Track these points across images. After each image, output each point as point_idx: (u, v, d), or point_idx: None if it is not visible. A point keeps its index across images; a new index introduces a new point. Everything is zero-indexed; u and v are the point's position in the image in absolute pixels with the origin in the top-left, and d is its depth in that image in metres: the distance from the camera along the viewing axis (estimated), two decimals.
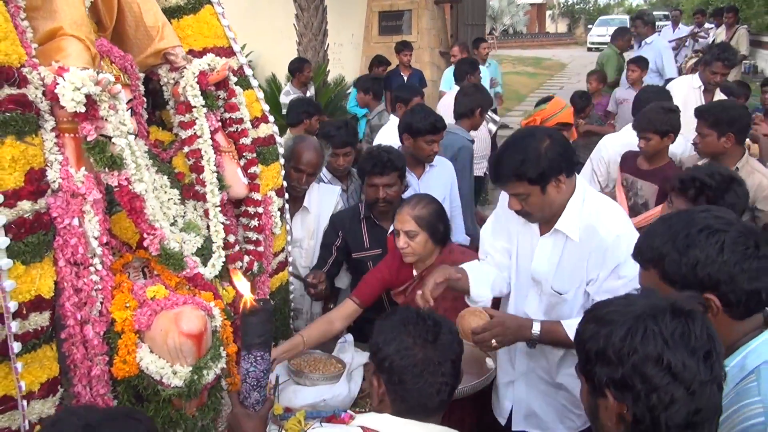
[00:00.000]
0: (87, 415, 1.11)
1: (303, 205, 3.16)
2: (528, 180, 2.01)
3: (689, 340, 1.07)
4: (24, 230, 1.62)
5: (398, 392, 1.45)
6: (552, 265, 2.18)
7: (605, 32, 27.96)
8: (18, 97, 1.65)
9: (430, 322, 1.49)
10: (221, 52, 2.51)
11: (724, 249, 1.32)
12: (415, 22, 10.48)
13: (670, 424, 1.06)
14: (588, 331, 1.17)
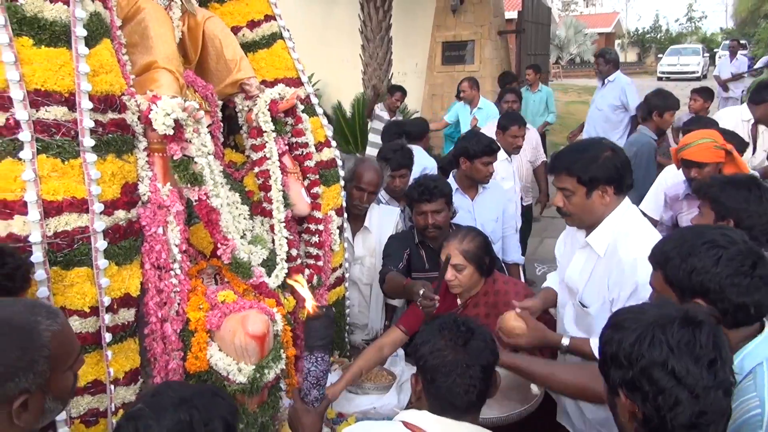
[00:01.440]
0: (181, 390, 1.29)
1: (364, 224, 3.34)
2: (578, 178, 2.12)
3: (694, 348, 1.15)
4: (118, 236, 1.87)
5: (431, 390, 1.56)
6: (583, 278, 2.27)
7: (677, 62, 27.31)
8: (119, 121, 1.92)
9: (463, 328, 1.59)
10: (290, 83, 2.76)
11: (720, 262, 1.44)
12: (477, 52, 10.64)
13: (675, 423, 1.15)
14: (605, 336, 1.28)
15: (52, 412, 1.27)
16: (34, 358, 1.18)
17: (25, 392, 1.17)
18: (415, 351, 1.61)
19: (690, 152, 3.16)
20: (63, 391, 1.27)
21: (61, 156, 1.75)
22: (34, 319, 1.22)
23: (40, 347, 1.19)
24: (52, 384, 1.22)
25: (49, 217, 1.72)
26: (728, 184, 2.37)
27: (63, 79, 1.78)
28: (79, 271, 1.78)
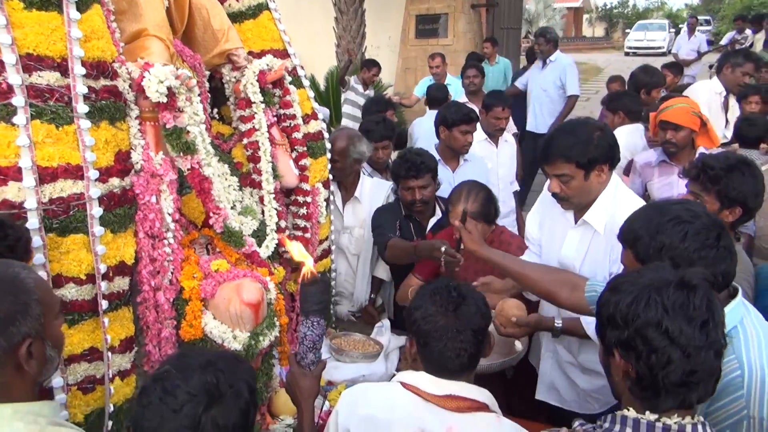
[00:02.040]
0: (206, 354, 1.33)
1: (354, 195, 3.38)
2: (576, 163, 2.15)
3: (688, 309, 1.21)
4: (113, 203, 1.86)
5: (424, 353, 1.62)
6: (579, 255, 2.33)
7: (643, 37, 27.64)
8: (111, 87, 1.90)
9: (454, 294, 1.63)
10: (277, 54, 2.74)
11: (687, 237, 1.50)
12: (451, 25, 10.63)
13: (667, 381, 1.21)
14: (603, 299, 1.33)
15: (53, 361, 1.29)
16: (26, 301, 1.21)
17: (27, 336, 1.20)
18: (409, 315, 1.66)
19: (668, 114, 3.27)
20: (57, 338, 1.31)
21: (55, 122, 1.73)
22: (13, 270, 1.24)
23: (29, 291, 1.22)
24: (48, 330, 1.25)
25: (45, 184, 1.71)
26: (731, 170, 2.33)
27: (55, 43, 1.74)
28: (75, 238, 1.77)
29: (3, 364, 1.18)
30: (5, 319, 1.17)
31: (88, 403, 1.87)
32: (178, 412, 1.19)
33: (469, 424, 1.54)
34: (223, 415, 1.21)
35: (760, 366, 1.44)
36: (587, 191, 2.21)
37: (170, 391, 1.21)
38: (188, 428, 1.18)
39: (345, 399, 1.70)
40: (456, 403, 1.55)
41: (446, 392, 1.57)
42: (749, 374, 1.43)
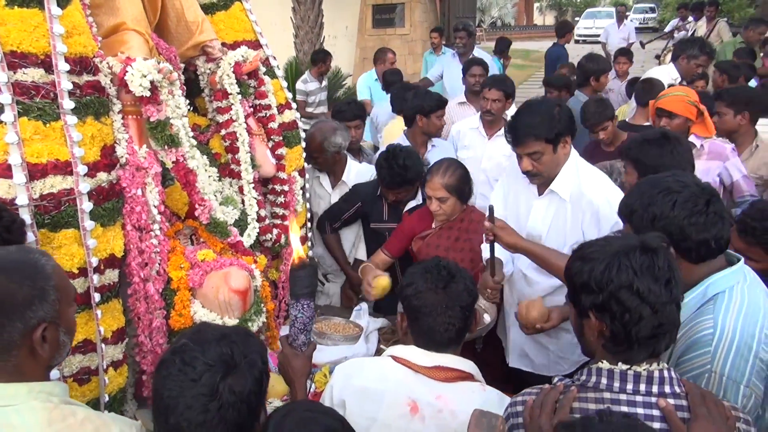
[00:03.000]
0: (220, 328, 1.39)
1: (342, 179, 3.48)
2: (545, 139, 2.30)
3: (654, 270, 1.34)
4: (102, 197, 1.89)
5: (414, 328, 1.72)
6: (545, 224, 2.48)
7: (592, 25, 28.25)
8: (94, 83, 1.92)
9: (444, 272, 1.73)
10: (250, 45, 2.77)
11: (675, 206, 1.62)
12: (408, 15, 10.73)
13: (639, 336, 1.34)
14: (575, 268, 1.43)
15: (65, 347, 1.34)
16: (44, 287, 1.25)
17: (43, 321, 1.24)
18: (401, 291, 1.76)
19: (664, 101, 3.38)
20: (70, 324, 1.35)
21: (42, 118, 1.74)
22: (33, 256, 1.29)
23: (46, 277, 1.26)
24: (62, 316, 1.30)
25: (35, 180, 1.73)
26: (644, 142, 2.54)
27: (38, 40, 1.76)
28: (67, 233, 1.79)
29: (18, 346, 1.22)
30: (23, 303, 1.21)
31: (84, 393, 1.90)
32: (197, 382, 1.25)
33: (457, 393, 1.64)
34: (239, 383, 1.27)
35: (733, 329, 1.55)
36: (556, 163, 2.37)
37: (189, 362, 1.27)
38: (207, 396, 1.24)
39: (340, 373, 1.78)
40: (444, 373, 1.66)
41: (435, 363, 1.66)
42: (720, 334, 1.55)
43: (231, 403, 1.25)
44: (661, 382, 1.33)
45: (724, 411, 1.31)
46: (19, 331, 1.21)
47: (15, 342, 1.22)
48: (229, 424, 1.25)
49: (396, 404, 1.64)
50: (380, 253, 3.08)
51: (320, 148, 3.30)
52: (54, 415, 1.24)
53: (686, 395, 1.32)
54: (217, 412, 1.24)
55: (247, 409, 1.28)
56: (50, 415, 1.24)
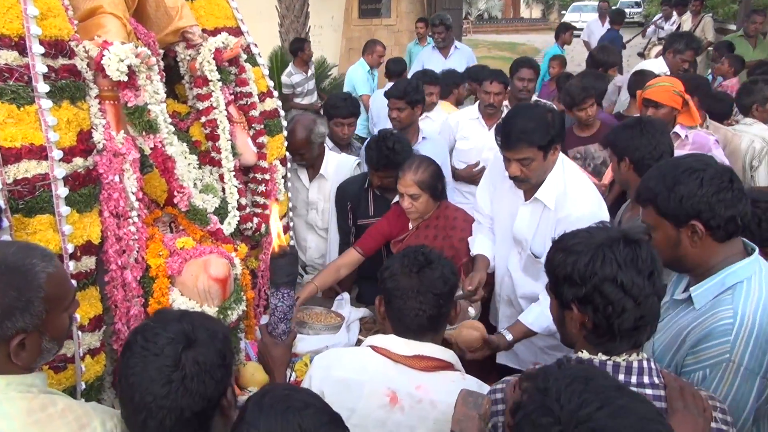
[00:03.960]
0: (180, 310, 1.42)
1: (320, 173, 3.44)
2: (538, 146, 2.28)
3: (637, 263, 1.34)
4: (78, 183, 1.86)
5: (388, 311, 1.73)
6: (531, 230, 2.47)
7: (578, 18, 28.32)
8: (70, 66, 1.89)
9: (421, 258, 1.72)
10: (231, 32, 2.74)
11: (703, 184, 1.61)
12: (394, 5, 10.66)
13: (621, 328, 1.34)
14: (557, 259, 1.43)
15: (50, 351, 1.32)
16: (30, 298, 1.22)
17: (22, 332, 1.22)
18: (380, 273, 1.76)
19: (650, 92, 3.41)
20: (59, 331, 1.32)
21: (16, 102, 1.71)
22: (30, 262, 1.25)
23: (36, 288, 1.23)
24: (49, 325, 1.27)
25: (8, 164, 1.70)
26: (618, 128, 2.60)
27: (11, 22, 1.73)
28: (42, 219, 1.77)
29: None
30: (2, 313, 1.19)
31: (60, 381, 1.88)
32: (160, 355, 1.26)
33: (437, 382, 1.63)
34: (202, 353, 1.29)
35: (753, 319, 1.54)
36: (544, 170, 2.36)
37: (150, 339, 1.28)
38: (170, 367, 1.25)
39: (318, 363, 1.77)
40: (424, 362, 1.65)
41: (414, 353, 1.66)
42: (740, 323, 1.54)
43: (195, 373, 1.26)
44: (640, 373, 1.33)
45: (702, 403, 1.31)
46: None
47: None
48: (193, 396, 1.26)
49: (375, 395, 1.63)
50: (352, 251, 3.01)
51: (307, 143, 3.27)
52: (34, 404, 1.24)
53: (665, 387, 1.33)
54: (181, 382, 1.25)
55: (212, 381, 1.28)
56: (30, 405, 1.23)
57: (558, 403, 1.00)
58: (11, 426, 1.20)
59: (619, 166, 2.54)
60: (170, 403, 1.25)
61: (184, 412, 1.26)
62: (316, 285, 2.80)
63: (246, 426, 1.15)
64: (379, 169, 3.09)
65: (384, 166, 3.05)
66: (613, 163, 2.59)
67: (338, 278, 2.95)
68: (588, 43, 9.37)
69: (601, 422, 0.96)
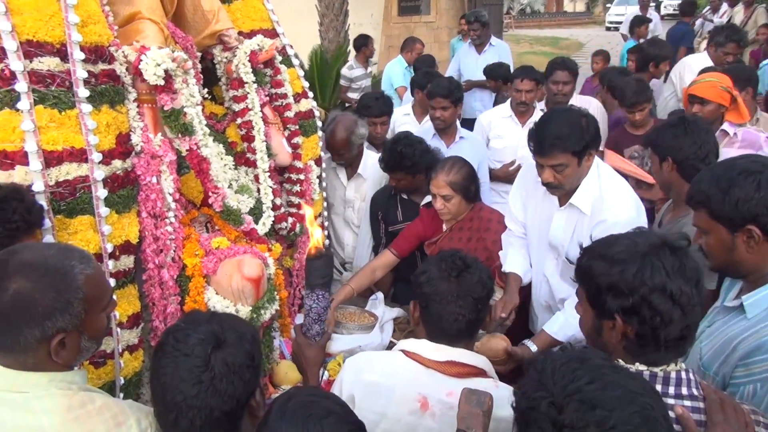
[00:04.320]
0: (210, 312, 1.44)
1: (358, 172, 3.48)
2: (572, 152, 2.22)
3: (684, 270, 1.30)
4: (117, 184, 1.92)
5: (425, 316, 1.70)
6: (566, 235, 2.43)
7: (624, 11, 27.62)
8: (109, 71, 1.95)
9: (459, 262, 1.70)
10: (266, 34, 2.78)
11: (761, 186, 1.54)
12: (434, 2, 10.63)
13: (668, 338, 1.29)
14: (598, 268, 1.36)
15: (88, 350, 1.37)
16: (69, 299, 1.27)
17: (62, 331, 1.26)
18: (416, 278, 1.74)
19: (696, 88, 3.29)
20: (97, 331, 1.37)
21: (57, 107, 1.78)
22: (69, 263, 1.29)
23: (75, 290, 1.27)
24: (87, 324, 1.31)
25: (51, 167, 1.76)
26: (660, 127, 2.50)
27: (53, 29, 1.79)
28: (83, 219, 1.83)
29: (35, 349, 1.25)
30: (43, 314, 1.23)
31: (100, 376, 1.94)
32: (190, 355, 1.30)
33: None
34: (231, 354, 1.32)
35: None
36: (579, 177, 2.30)
37: (181, 340, 1.32)
38: (200, 367, 1.29)
39: (349, 367, 1.77)
40: (456, 368, 1.63)
41: (447, 358, 1.63)
42: None
43: (223, 374, 1.29)
44: (678, 384, 1.29)
45: (744, 417, 1.27)
46: (36, 338, 1.24)
47: (32, 345, 1.25)
48: (222, 396, 1.29)
49: (406, 400, 1.62)
50: (387, 253, 3.03)
51: (347, 144, 3.31)
52: (73, 401, 1.28)
53: (704, 399, 1.29)
54: (210, 382, 1.28)
55: (241, 382, 1.31)
56: (69, 402, 1.27)
57: (552, 379, 1.05)
58: (52, 421, 1.25)
59: (661, 166, 2.46)
60: (200, 403, 1.28)
61: (214, 411, 1.29)
62: (352, 287, 2.82)
63: (268, 431, 1.16)
64: (389, 171, 3.12)
65: (392, 168, 3.08)
66: (655, 163, 2.52)
67: (374, 280, 2.96)
68: (626, 36, 8.93)
69: (589, 394, 1.01)
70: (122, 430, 1.30)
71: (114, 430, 1.29)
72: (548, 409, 1.03)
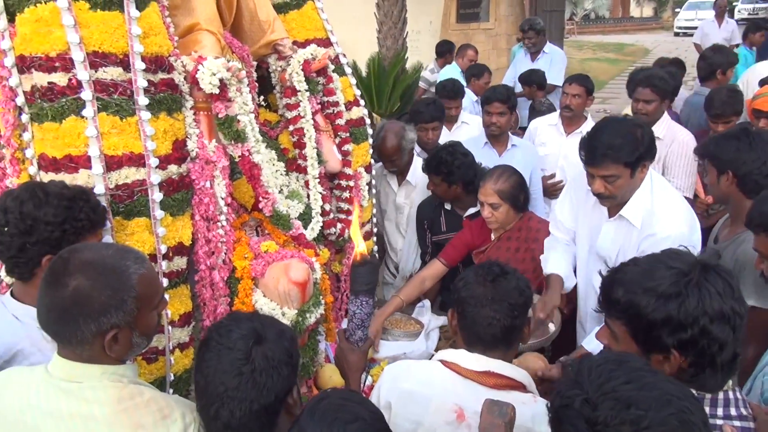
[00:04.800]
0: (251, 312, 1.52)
1: (407, 178, 3.54)
2: (624, 163, 2.18)
3: (733, 291, 1.28)
4: (172, 188, 2.01)
5: (461, 322, 1.71)
6: (615, 247, 2.37)
7: (694, 16, 26.59)
8: (168, 80, 2.04)
9: (496, 268, 1.71)
10: (320, 43, 2.84)
11: None
12: (493, 9, 10.55)
13: (722, 361, 1.26)
14: (647, 304, 1.30)
15: (139, 346, 1.44)
16: (123, 297, 1.34)
17: (115, 327, 1.34)
18: (454, 285, 1.75)
19: (759, 102, 3.21)
20: (148, 328, 1.44)
21: (119, 114, 1.87)
22: (125, 263, 1.37)
23: (129, 288, 1.35)
24: (139, 322, 1.39)
25: (111, 171, 1.86)
26: (721, 138, 2.40)
27: (118, 41, 1.88)
28: (139, 221, 1.92)
29: (90, 342, 1.33)
30: (99, 309, 1.31)
31: (152, 372, 2.03)
32: (233, 349, 1.37)
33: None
34: (270, 349, 1.38)
35: None
36: (631, 188, 2.25)
37: (224, 334, 1.40)
38: (242, 360, 1.35)
39: (388, 374, 1.79)
40: (494, 379, 1.62)
41: (485, 368, 1.63)
42: None
43: (263, 367, 1.35)
44: (726, 405, 1.26)
45: None
46: (92, 332, 1.32)
47: (87, 339, 1.33)
48: (261, 389, 1.34)
49: (442, 410, 1.62)
50: (436, 262, 3.04)
51: (398, 150, 3.38)
52: (123, 393, 1.35)
53: (755, 418, 1.25)
54: (251, 375, 1.34)
55: (279, 377, 1.37)
56: (120, 394, 1.35)
57: (588, 378, 1.05)
58: (103, 411, 1.32)
59: (718, 179, 2.38)
60: (240, 394, 1.34)
61: (253, 404, 1.34)
62: (402, 299, 2.85)
63: (297, 428, 1.20)
64: (427, 173, 3.16)
65: (429, 170, 3.13)
66: (712, 175, 2.43)
67: (423, 290, 2.98)
68: (700, 47, 8.40)
69: (625, 393, 1.00)
70: (167, 422, 1.36)
71: (160, 423, 1.35)
72: (582, 407, 1.03)
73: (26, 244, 1.65)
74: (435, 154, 3.14)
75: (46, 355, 1.44)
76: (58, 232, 1.66)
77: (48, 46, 1.80)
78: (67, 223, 1.67)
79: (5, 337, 1.66)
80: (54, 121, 1.83)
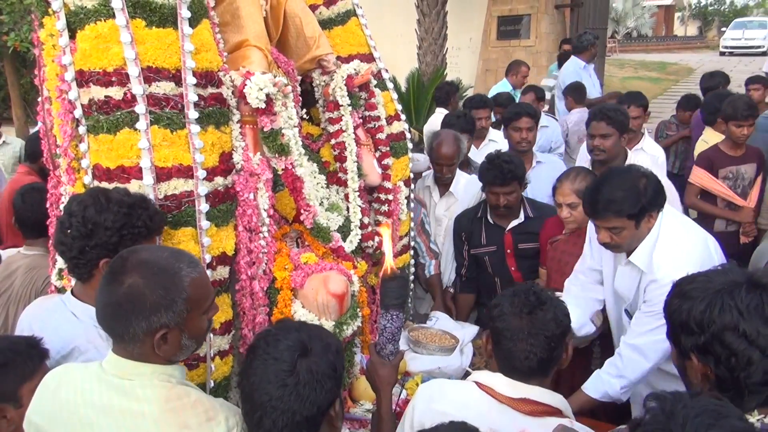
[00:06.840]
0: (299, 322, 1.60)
1: (449, 190, 3.58)
2: (627, 216, 2.17)
3: (763, 311, 1.23)
4: (218, 200, 2.06)
5: (496, 351, 1.69)
6: (630, 291, 2.37)
7: (741, 35, 26.02)
8: (217, 95, 2.10)
9: (532, 298, 1.66)
10: (363, 58, 2.89)
11: None
12: (534, 26, 10.53)
13: (749, 382, 1.23)
14: (673, 305, 1.35)
15: (188, 348, 1.48)
16: (174, 298, 1.39)
17: (165, 327, 1.38)
18: (490, 312, 1.73)
19: None
20: (198, 331, 1.48)
21: (170, 127, 1.94)
22: (178, 266, 1.42)
23: (180, 290, 1.40)
24: (189, 324, 1.43)
25: (161, 182, 1.92)
26: None
27: (171, 57, 1.95)
28: (186, 231, 1.98)
29: (141, 340, 1.38)
30: (150, 308, 1.36)
31: (192, 378, 2.07)
32: (279, 359, 1.39)
33: (542, 429, 1.56)
34: (315, 363, 1.40)
35: None
36: (638, 238, 2.24)
37: (272, 344, 1.42)
38: (286, 372, 1.37)
39: (422, 394, 1.77)
40: (530, 406, 1.60)
41: (521, 396, 1.61)
42: None
43: (307, 381, 1.37)
44: None
45: None
46: (143, 330, 1.37)
47: (139, 336, 1.37)
48: (304, 401, 1.36)
49: None
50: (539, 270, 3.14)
51: (456, 156, 3.47)
52: (171, 393, 1.40)
53: None
54: (294, 387, 1.36)
55: (322, 390, 1.38)
56: (168, 393, 1.39)
57: (682, 430, 0.96)
58: (151, 409, 1.36)
59: None
60: (283, 405, 1.36)
61: (295, 415, 1.37)
62: None
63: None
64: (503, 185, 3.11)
65: (509, 179, 3.08)
66: None
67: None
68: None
69: None
70: (212, 425, 1.39)
71: (205, 424, 1.38)
72: None
73: (86, 246, 1.73)
74: (499, 165, 3.09)
75: (101, 353, 1.51)
76: (116, 237, 1.73)
77: (106, 61, 1.88)
78: (125, 228, 1.74)
79: (64, 333, 1.74)
80: (109, 133, 1.90)
